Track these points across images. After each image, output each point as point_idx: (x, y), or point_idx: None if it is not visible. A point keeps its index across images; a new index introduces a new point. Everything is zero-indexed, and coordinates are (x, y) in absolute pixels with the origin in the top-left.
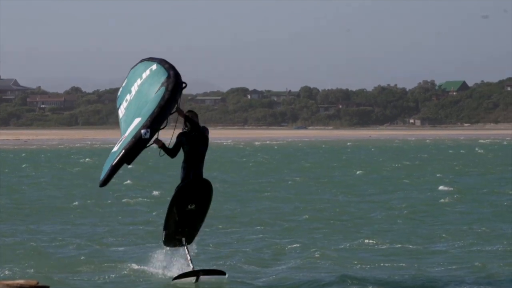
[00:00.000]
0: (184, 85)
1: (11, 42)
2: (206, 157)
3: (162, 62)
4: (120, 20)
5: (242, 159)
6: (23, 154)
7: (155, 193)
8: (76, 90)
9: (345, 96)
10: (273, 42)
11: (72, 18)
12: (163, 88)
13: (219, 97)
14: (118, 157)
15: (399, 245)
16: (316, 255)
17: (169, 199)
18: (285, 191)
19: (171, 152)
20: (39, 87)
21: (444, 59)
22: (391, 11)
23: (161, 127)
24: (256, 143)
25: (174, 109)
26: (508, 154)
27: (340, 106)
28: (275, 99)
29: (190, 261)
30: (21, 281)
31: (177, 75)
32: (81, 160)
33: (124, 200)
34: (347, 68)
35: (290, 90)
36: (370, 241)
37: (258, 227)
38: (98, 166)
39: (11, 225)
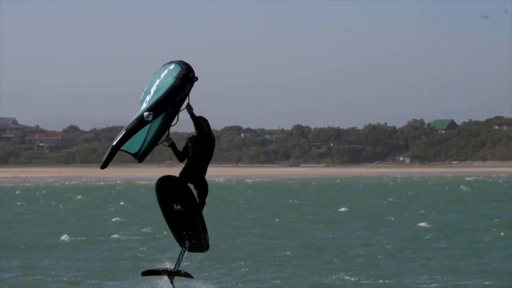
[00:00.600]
0: (195, 78)
1: (9, 81)
2: None
3: (179, 62)
4: (116, 61)
5: (232, 196)
6: (17, 192)
7: (145, 230)
8: (73, 128)
9: (337, 134)
10: (267, 84)
11: (70, 58)
12: (174, 79)
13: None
14: (119, 138)
15: (381, 281)
16: None
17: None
18: (271, 228)
19: (179, 155)
20: (38, 125)
21: (433, 99)
22: (380, 53)
23: (172, 123)
24: (248, 180)
25: (184, 106)
26: (492, 191)
27: (332, 144)
28: (268, 137)
29: (176, 263)
30: None
31: (189, 68)
32: (74, 198)
33: (114, 236)
34: (339, 107)
35: (283, 129)
36: (352, 278)
37: (242, 262)
38: (90, 203)
39: (6, 261)
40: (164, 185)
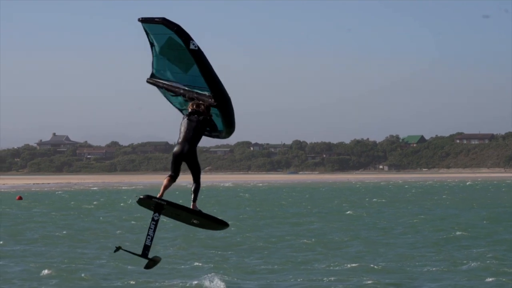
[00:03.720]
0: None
1: (63, 105)
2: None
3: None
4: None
5: (236, 197)
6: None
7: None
8: (115, 144)
9: (328, 147)
10: (272, 110)
11: (118, 89)
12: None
13: (228, 149)
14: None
15: (349, 265)
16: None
17: None
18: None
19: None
20: (86, 141)
21: (406, 118)
22: (365, 89)
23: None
24: (260, 184)
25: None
26: (447, 192)
27: (324, 155)
28: (273, 150)
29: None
30: None
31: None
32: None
33: None
34: (329, 126)
35: (284, 143)
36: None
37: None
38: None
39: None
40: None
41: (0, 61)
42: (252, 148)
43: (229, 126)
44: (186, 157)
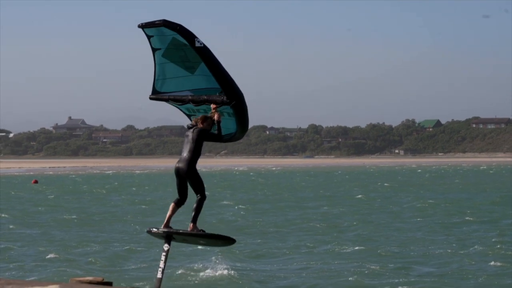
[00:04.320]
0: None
1: (79, 89)
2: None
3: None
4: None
5: (249, 181)
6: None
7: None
8: (130, 127)
9: (344, 131)
10: (288, 93)
11: (124, 72)
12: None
13: None
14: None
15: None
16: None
17: None
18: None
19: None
20: (102, 125)
21: (423, 103)
22: (382, 71)
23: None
24: (273, 168)
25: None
26: (463, 176)
27: (340, 140)
28: (288, 134)
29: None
30: (89, 278)
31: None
32: (115, 183)
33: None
34: (345, 109)
35: (300, 127)
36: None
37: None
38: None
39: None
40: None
41: (15, 47)
42: (267, 132)
43: (243, 124)
44: (184, 173)
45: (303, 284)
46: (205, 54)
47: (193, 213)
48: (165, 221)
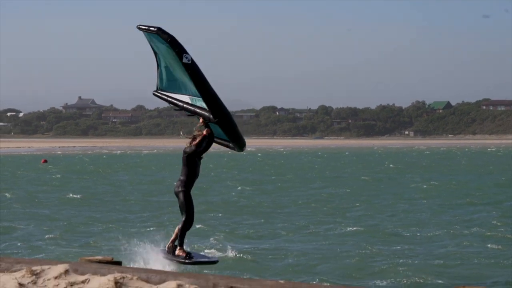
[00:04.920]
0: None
1: (89, 67)
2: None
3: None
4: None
5: (255, 161)
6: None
7: None
8: (140, 107)
9: (354, 112)
10: (298, 74)
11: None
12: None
13: (254, 113)
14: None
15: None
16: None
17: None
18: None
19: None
20: (112, 105)
21: (433, 84)
22: (390, 49)
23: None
24: (280, 149)
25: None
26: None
27: (350, 121)
28: (298, 115)
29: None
30: (99, 257)
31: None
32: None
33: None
34: (355, 91)
35: (310, 108)
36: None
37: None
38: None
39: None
40: None
41: (24, 25)
42: (277, 113)
43: (235, 140)
44: (174, 193)
45: (303, 264)
46: (192, 71)
47: (178, 237)
48: (169, 242)
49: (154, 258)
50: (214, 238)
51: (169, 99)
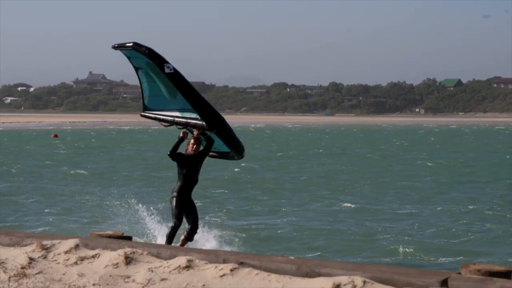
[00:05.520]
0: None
1: (99, 43)
2: None
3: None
4: (185, 23)
5: (262, 137)
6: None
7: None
8: None
9: (365, 90)
10: (309, 49)
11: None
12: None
13: (264, 90)
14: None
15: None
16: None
17: None
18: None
19: (175, 150)
20: (122, 80)
21: (444, 61)
22: (399, 22)
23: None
24: (289, 125)
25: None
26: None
27: (361, 98)
28: (309, 91)
29: None
30: (109, 232)
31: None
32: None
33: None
34: (366, 68)
35: (321, 85)
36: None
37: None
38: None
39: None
40: None
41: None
42: (288, 90)
43: (234, 147)
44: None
45: (300, 239)
46: (176, 80)
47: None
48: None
49: (162, 234)
50: (206, 217)
51: (158, 116)
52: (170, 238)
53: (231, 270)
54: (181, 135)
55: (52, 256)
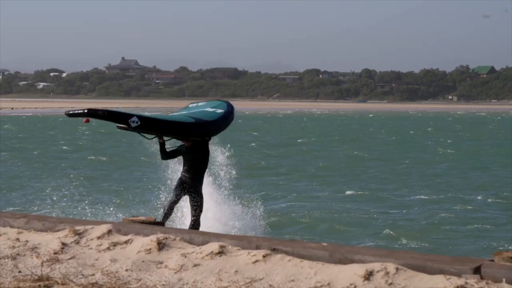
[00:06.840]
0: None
1: (132, 29)
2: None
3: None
4: (224, 15)
5: (289, 123)
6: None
7: None
8: (184, 69)
9: (397, 76)
10: (340, 35)
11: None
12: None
13: (297, 76)
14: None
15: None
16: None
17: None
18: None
19: (164, 153)
20: (155, 66)
21: (477, 48)
22: (436, 12)
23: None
24: (307, 112)
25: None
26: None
27: (393, 85)
28: (342, 78)
29: None
30: (142, 218)
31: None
32: None
33: None
34: (400, 54)
35: (353, 71)
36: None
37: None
38: None
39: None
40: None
41: None
42: (321, 76)
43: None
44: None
45: (307, 224)
46: (148, 128)
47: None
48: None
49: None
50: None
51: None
52: (166, 215)
53: (264, 257)
54: (159, 140)
55: (85, 241)
